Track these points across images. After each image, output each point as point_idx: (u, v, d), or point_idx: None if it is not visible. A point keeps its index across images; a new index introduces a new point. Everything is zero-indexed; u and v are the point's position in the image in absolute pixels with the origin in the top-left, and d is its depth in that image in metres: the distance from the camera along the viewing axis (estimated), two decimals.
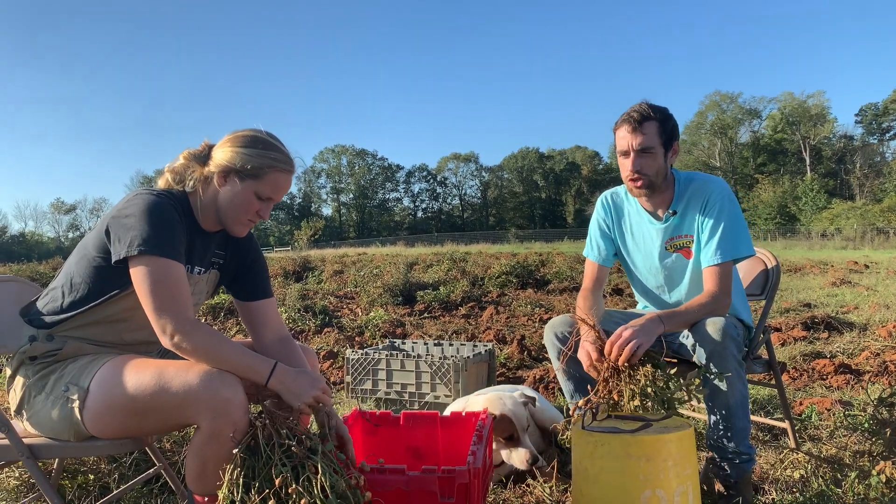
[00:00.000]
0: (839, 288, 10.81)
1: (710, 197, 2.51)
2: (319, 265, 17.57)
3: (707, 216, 2.50)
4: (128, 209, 1.79)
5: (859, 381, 4.37)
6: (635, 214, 2.71)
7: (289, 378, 1.79)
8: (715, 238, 2.46)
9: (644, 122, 2.43)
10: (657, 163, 2.46)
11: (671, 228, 2.60)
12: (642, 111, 2.44)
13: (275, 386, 1.77)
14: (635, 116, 2.43)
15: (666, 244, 2.62)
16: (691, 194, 2.56)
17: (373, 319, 7.62)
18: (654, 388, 2.11)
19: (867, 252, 27.29)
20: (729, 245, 2.46)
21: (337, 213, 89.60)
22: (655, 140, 2.44)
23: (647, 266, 2.72)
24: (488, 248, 32.73)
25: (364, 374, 4.24)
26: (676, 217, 2.58)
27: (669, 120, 2.48)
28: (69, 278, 1.88)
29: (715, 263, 2.45)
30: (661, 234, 2.62)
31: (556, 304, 9.47)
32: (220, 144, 1.95)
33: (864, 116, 70.83)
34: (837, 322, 6.69)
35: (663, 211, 2.61)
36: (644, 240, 2.69)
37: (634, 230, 2.72)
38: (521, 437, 2.62)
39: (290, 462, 1.60)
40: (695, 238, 2.56)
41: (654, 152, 2.45)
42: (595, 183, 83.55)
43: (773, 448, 3.06)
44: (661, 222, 2.61)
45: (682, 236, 2.59)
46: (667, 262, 2.64)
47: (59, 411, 1.78)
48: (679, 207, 2.57)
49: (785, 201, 58.11)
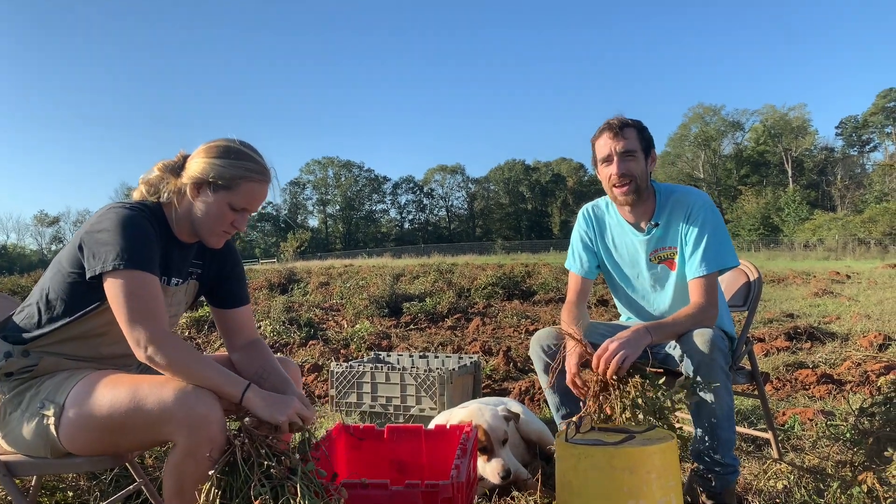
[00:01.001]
0: (821, 298, 10.91)
1: (693, 208, 2.53)
2: (305, 277, 17.51)
3: (690, 227, 2.52)
4: (101, 223, 1.77)
5: (841, 391, 4.40)
6: (617, 226, 2.72)
7: (260, 399, 1.76)
8: (699, 250, 2.48)
9: (624, 128, 2.50)
10: (640, 167, 2.51)
11: (654, 240, 2.62)
12: (621, 119, 2.52)
13: (248, 403, 1.74)
14: (615, 123, 2.51)
15: (650, 256, 2.63)
16: (673, 206, 2.58)
17: (358, 332, 7.58)
18: (645, 400, 2.12)
19: (849, 262, 27.61)
20: (713, 256, 2.48)
21: (323, 225, 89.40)
22: (636, 144, 2.51)
23: (632, 277, 2.73)
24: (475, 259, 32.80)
25: (349, 387, 4.22)
26: (659, 229, 2.59)
27: (645, 129, 2.58)
28: (44, 294, 1.86)
29: (700, 275, 2.47)
30: (645, 245, 2.63)
31: (542, 315, 9.49)
32: (194, 155, 1.92)
33: (844, 129, 71.94)
34: (820, 332, 6.75)
35: (646, 223, 2.62)
36: (628, 251, 2.70)
37: (617, 242, 2.73)
38: (495, 450, 2.61)
39: (270, 483, 1.57)
40: (678, 250, 2.58)
41: (637, 156, 2.51)
42: (580, 194, 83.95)
43: (757, 459, 3.08)
44: (644, 234, 2.62)
45: (665, 248, 2.61)
46: (651, 274, 2.66)
47: (35, 428, 1.76)
48: (661, 219, 2.59)
49: (768, 212, 58.76)
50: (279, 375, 2.00)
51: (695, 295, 2.48)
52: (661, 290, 2.67)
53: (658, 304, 2.70)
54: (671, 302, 2.65)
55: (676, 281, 2.61)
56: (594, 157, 2.62)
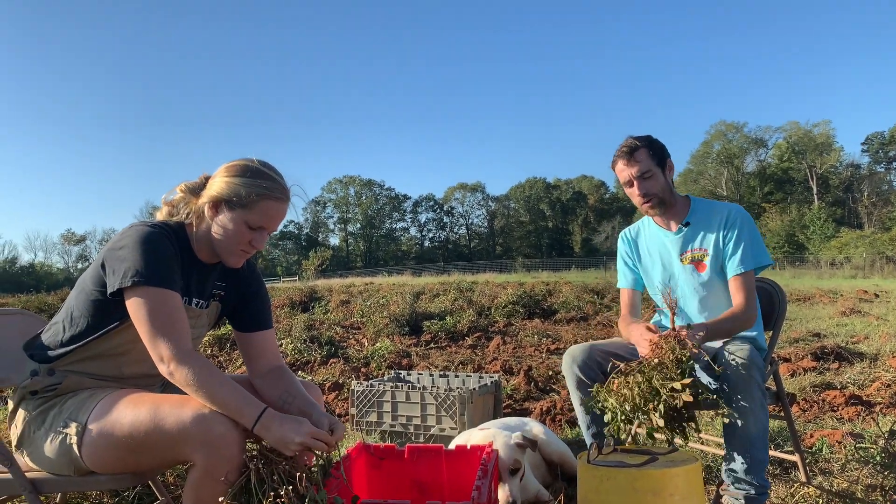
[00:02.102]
0: (849, 317, 10.71)
1: (731, 214, 2.73)
2: (326, 295, 17.58)
3: (729, 232, 2.70)
4: (122, 241, 1.80)
5: (871, 412, 4.31)
6: (651, 233, 2.93)
7: (274, 425, 1.71)
8: (739, 250, 2.66)
9: (634, 151, 2.70)
10: (659, 182, 2.72)
11: (685, 240, 2.79)
12: (629, 144, 2.73)
13: (260, 432, 1.70)
14: (625, 150, 2.72)
15: (681, 256, 2.79)
16: (707, 212, 2.78)
17: (379, 350, 7.59)
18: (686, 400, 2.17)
19: (877, 281, 27.09)
20: (751, 255, 2.66)
21: (344, 243, 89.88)
22: (650, 163, 2.70)
23: (666, 278, 2.87)
24: (495, 277, 32.70)
25: (369, 406, 4.22)
26: (689, 228, 2.77)
27: (654, 142, 2.75)
28: (69, 312, 1.89)
29: (740, 272, 2.64)
30: (677, 244, 2.80)
31: (564, 334, 9.42)
32: (214, 175, 1.95)
33: (870, 145, 70.96)
34: (848, 352, 6.62)
35: (676, 224, 2.80)
36: (660, 253, 2.87)
37: (651, 246, 2.92)
38: (504, 477, 2.59)
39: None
40: (711, 252, 2.72)
41: (653, 174, 2.71)
42: (601, 212, 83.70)
43: (784, 482, 3.01)
44: (675, 233, 2.80)
45: (697, 249, 2.77)
46: (682, 274, 2.79)
47: (58, 446, 1.78)
48: (692, 220, 2.79)
49: (793, 230, 57.96)
50: (304, 399, 1.99)
51: (737, 295, 2.64)
52: (690, 291, 2.79)
53: (687, 305, 2.81)
54: (699, 304, 2.78)
55: (705, 283, 2.75)
56: (617, 180, 2.84)
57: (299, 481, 1.63)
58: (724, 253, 2.70)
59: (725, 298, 2.71)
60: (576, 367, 2.66)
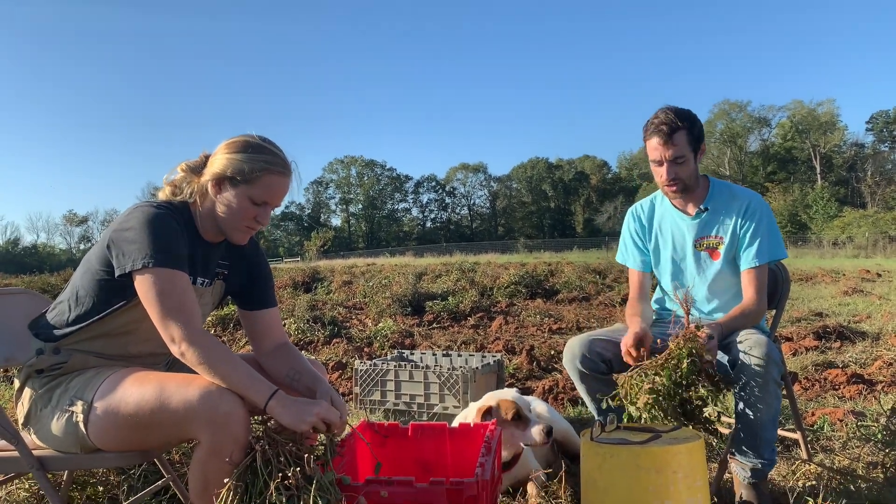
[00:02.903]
0: (851, 297, 10.72)
1: (751, 204, 2.66)
2: (328, 276, 17.60)
3: (748, 222, 2.64)
4: (128, 222, 1.79)
5: (872, 391, 4.32)
6: (667, 213, 2.82)
7: (285, 406, 1.73)
8: (756, 243, 2.61)
9: (674, 133, 2.53)
10: (689, 168, 2.61)
11: (701, 225, 2.71)
12: (671, 123, 2.53)
13: (272, 411, 1.72)
14: (665, 130, 2.53)
15: (696, 242, 2.73)
16: (727, 198, 2.69)
17: (381, 330, 7.61)
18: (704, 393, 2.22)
19: (879, 260, 27.05)
20: (767, 249, 2.62)
21: (346, 224, 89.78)
22: (686, 149, 2.56)
23: (678, 261, 2.80)
24: (497, 257, 32.69)
25: (373, 385, 4.24)
26: (707, 214, 2.69)
27: (696, 124, 2.59)
28: (75, 292, 1.89)
29: (754, 266, 2.61)
30: (693, 229, 2.73)
31: (566, 314, 9.44)
32: (215, 153, 1.94)
33: (874, 124, 70.50)
34: (849, 331, 6.63)
35: (694, 207, 2.72)
36: (674, 236, 2.79)
37: (664, 228, 2.82)
38: (528, 415, 2.63)
39: (287, 492, 1.58)
40: (727, 241, 2.67)
41: (686, 160, 2.58)
42: (604, 192, 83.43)
43: (786, 460, 3.03)
44: (692, 218, 2.72)
45: (712, 236, 2.70)
46: (695, 260, 2.74)
47: (64, 424, 1.79)
48: (711, 205, 2.70)
49: (796, 210, 57.79)
50: (311, 374, 2.01)
51: (748, 288, 2.61)
52: (701, 278, 2.75)
53: (696, 292, 2.76)
54: (707, 291, 2.74)
55: (717, 272, 2.71)
56: (645, 150, 2.69)
57: (307, 462, 1.63)
58: (739, 244, 2.65)
59: (734, 287, 2.70)
60: (577, 361, 2.62)
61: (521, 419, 2.61)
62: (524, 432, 2.59)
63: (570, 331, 8.04)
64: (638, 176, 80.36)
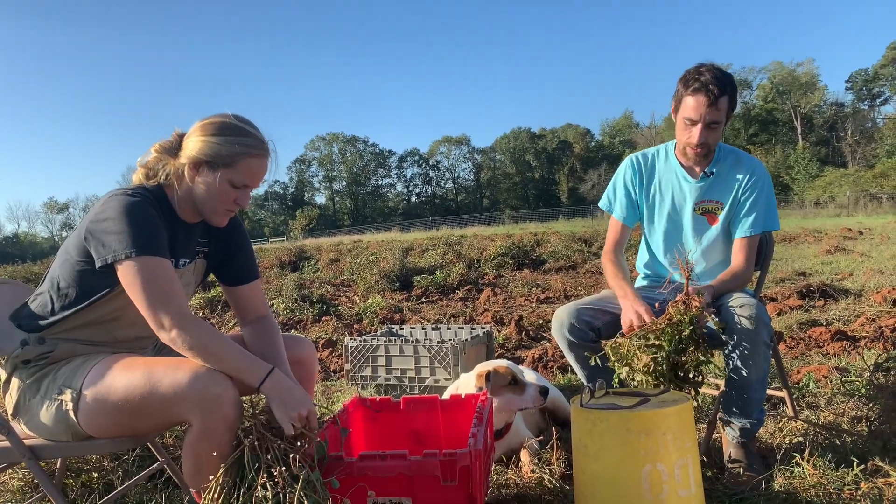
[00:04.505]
0: (833, 255, 10.85)
1: (755, 172, 2.66)
2: (315, 254, 17.53)
3: (749, 191, 2.65)
4: (105, 212, 1.76)
5: (856, 347, 4.40)
6: (669, 171, 2.76)
7: (284, 387, 1.75)
8: (754, 213, 2.64)
9: (720, 98, 2.43)
10: (718, 135, 2.56)
11: (705, 189, 2.69)
12: (720, 83, 2.41)
13: (267, 391, 1.74)
14: (714, 91, 2.41)
15: (696, 205, 2.71)
16: (732, 163, 2.68)
17: (370, 306, 7.62)
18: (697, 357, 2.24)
19: (860, 218, 27.37)
20: (762, 220, 2.66)
21: (330, 202, 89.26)
22: (724, 116, 2.50)
23: (674, 222, 2.77)
24: (483, 230, 32.72)
25: (363, 361, 4.25)
26: (712, 179, 2.67)
27: (736, 92, 2.51)
28: (55, 282, 1.87)
29: (748, 235, 2.64)
30: (695, 192, 2.70)
31: (553, 283, 9.49)
32: (190, 133, 1.89)
33: (854, 83, 70.59)
34: (833, 289, 6.72)
35: (700, 170, 2.69)
36: (674, 197, 2.75)
37: (664, 186, 2.78)
38: (523, 380, 2.69)
39: (274, 489, 1.58)
40: (726, 207, 2.67)
41: (720, 127, 2.52)
42: (588, 160, 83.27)
43: (772, 417, 3.09)
44: (697, 181, 2.69)
45: (712, 201, 2.70)
46: (692, 223, 2.74)
47: (54, 413, 1.78)
48: (716, 169, 2.67)
49: (778, 171, 58.06)
50: (283, 364, 1.97)
51: (739, 254, 2.65)
52: (695, 241, 2.75)
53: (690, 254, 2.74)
54: (701, 255, 2.75)
55: (713, 237, 2.72)
56: (678, 101, 2.55)
57: (293, 462, 1.63)
58: (737, 211, 2.67)
59: (725, 251, 2.72)
60: (565, 330, 2.60)
61: (517, 384, 2.66)
62: (521, 396, 2.64)
63: (557, 300, 8.09)
64: (620, 143, 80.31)
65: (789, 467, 2.40)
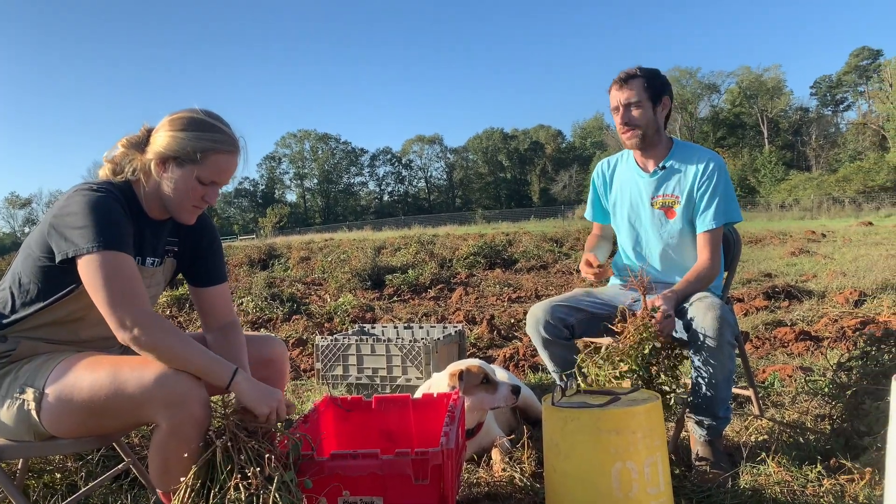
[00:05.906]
0: (798, 257, 11.07)
1: (709, 164, 2.69)
2: (286, 252, 17.37)
3: (705, 183, 2.67)
4: (68, 207, 1.72)
5: (819, 347, 4.49)
6: (627, 170, 2.87)
7: (249, 386, 1.75)
8: (713, 205, 2.66)
9: (629, 79, 2.65)
10: (646, 116, 2.66)
11: (658, 183, 2.74)
12: (628, 71, 2.67)
13: (236, 388, 1.73)
14: (621, 76, 2.67)
15: (652, 199, 2.76)
16: (686, 157, 2.73)
17: (342, 305, 7.57)
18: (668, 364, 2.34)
19: (824, 221, 27.99)
20: (723, 211, 2.67)
21: (301, 199, 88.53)
22: (642, 95, 2.64)
23: (633, 219, 2.84)
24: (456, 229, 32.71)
25: (334, 360, 4.23)
26: (665, 172, 2.73)
27: (656, 77, 2.69)
28: (17, 278, 1.82)
29: (710, 228, 2.66)
30: (650, 187, 2.76)
31: (525, 282, 9.53)
32: (157, 129, 1.86)
33: (818, 88, 72.19)
34: (797, 291, 6.86)
35: (654, 165, 2.76)
36: (631, 192, 2.82)
37: (623, 183, 2.87)
38: (495, 379, 2.69)
39: (247, 490, 1.56)
40: (683, 200, 2.70)
41: (642, 106, 2.64)
42: (559, 161, 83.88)
43: (739, 416, 3.14)
44: (650, 175, 2.75)
45: (668, 195, 2.73)
46: (650, 218, 2.77)
47: (16, 413, 1.74)
48: (668, 164, 2.74)
49: (745, 174, 59.12)
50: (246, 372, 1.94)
51: (703, 251, 2.67)
52: (656, 236, 2.78)
53: (651, 252, 2.80)
54: (661, 250, 2.78)
55: (674, 232, 2.74)
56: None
57: (267, 462, 1.61)
58: (697, 206, 2.69)
59: (691, 248, 2.74)
60: (540, 327, 2.65)
61: (490, 383, 2.67)
62: (493, 395, 2.65)
63: (529, 299, 8.13)
64: (591, 145, 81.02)
65: (755, 465, 2.45)
